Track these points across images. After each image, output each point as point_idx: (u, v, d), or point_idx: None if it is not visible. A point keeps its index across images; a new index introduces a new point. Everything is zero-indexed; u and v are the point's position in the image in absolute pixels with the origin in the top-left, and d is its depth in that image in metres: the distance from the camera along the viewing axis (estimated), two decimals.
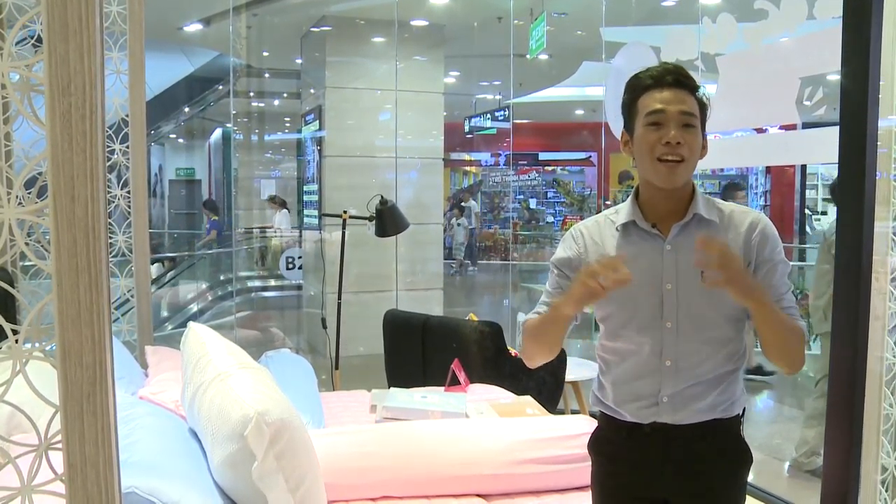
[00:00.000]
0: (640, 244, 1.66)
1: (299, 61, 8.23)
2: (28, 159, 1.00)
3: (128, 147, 3.69)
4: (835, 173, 2.58)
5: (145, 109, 3.72)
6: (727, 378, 1.65)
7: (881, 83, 2.46)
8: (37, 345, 0.98)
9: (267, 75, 10.00)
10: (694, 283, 1.60)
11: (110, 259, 3.71)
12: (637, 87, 1.64)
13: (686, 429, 1.63)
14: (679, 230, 1.63)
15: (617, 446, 1.72)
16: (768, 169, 12.39)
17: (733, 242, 1.63)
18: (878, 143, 2.45)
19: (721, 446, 1.66)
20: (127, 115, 3.65)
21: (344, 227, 4.39)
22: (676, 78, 1.61)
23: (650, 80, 1.62)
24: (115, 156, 3.70)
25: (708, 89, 1.66)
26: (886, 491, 2.61)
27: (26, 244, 0.98)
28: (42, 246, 1.40)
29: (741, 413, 1.70)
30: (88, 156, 0.93)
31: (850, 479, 2.23)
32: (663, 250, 1.63)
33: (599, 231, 1.72)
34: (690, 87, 1.61)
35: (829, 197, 10.29)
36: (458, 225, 13.41)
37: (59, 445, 0.96)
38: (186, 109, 12.34)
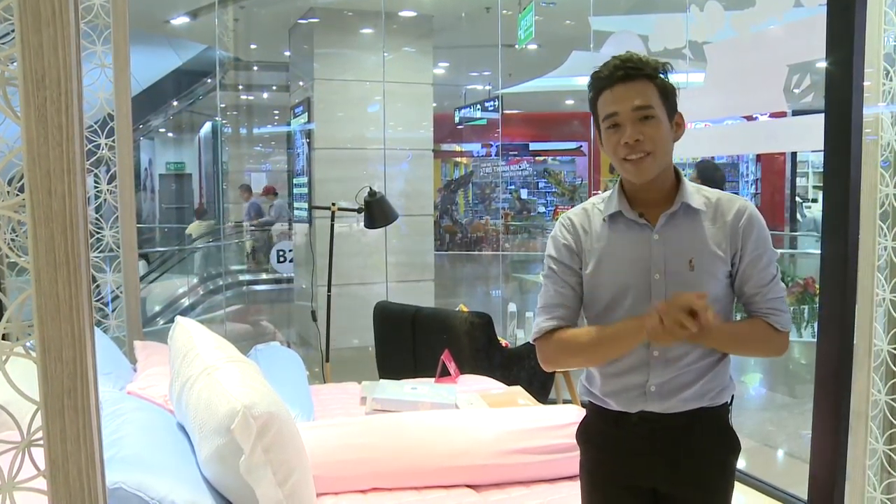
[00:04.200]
0: (628, 234, 1.65)
1: (287, 54, 8.18)
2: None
3: (114, 142, 3.66)
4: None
5: (132, 103, 3.70)
6: (715, 367, 1.65)
7: (869, 70, 2.46)
8: (17, 340, 0.97)
9: (255, 68, 9.96)
10: (682, 273, 1.60)
11: (99, 254, 3.71)
12: (594, 89, 1.62)
13: (674, 417, 1.63)
14: (667, 219, 1.62)
15: (605, 436, 1.72)
16: (758, 157, 12.42)
17: (719, 230, 1.62)
18: (868, 130, 2.45)
19: (709, 434, 1.66)
20: (113, 110, 3.62)
21: (333, 219, 4.38)
22: (626, 72, 1.56)
23: (602, 80, 1.59)
24: (102, 150, 3.68)
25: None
26: (875, 476, 2.63)
27: (12, 240, 0.97)
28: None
29: (729, 401, 1.70)
30: (65, 150, 0.92)
31: (838, 464, 2.24)
32: (651, 240, 1.63)
33: (588, 219, 1.70)
34: (646, 75, 1.57)
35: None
36: None
37: (42, 442, 0.95)
38: (175, 103, 12.24)
